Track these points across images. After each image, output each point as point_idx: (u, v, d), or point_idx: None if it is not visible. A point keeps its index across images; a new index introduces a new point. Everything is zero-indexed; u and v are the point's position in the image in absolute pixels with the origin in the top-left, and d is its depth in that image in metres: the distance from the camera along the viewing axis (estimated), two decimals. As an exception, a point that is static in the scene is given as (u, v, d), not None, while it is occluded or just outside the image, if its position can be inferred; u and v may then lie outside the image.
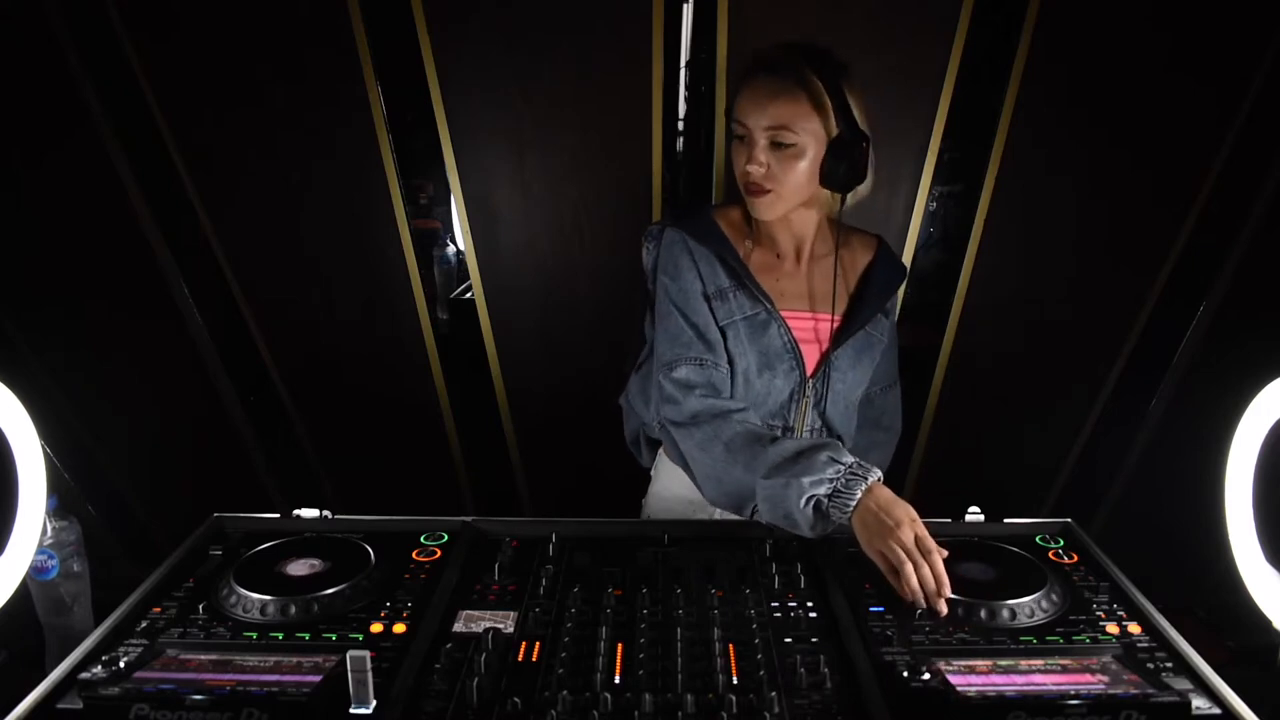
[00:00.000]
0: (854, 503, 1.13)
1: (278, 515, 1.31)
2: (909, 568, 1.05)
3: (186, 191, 1.87)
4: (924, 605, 1.05)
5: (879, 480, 1.16)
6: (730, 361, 1.35)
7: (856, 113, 1.24)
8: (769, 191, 1.28)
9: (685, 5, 1.80)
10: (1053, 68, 1.76)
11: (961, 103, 1.80)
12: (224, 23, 1.72)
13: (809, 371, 1.38)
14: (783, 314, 1.36)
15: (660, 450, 1.55)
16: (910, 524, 1.09)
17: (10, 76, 1.72)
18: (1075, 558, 1.22)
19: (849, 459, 1.18)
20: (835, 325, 1.40)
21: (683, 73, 1.88)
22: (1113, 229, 1.93)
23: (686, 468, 1.37)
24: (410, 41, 1.74)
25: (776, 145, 1.25)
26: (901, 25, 1.74)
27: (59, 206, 1.87)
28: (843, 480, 1.15)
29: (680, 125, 1.94)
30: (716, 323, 1.34)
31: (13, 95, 1.74)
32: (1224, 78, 1.76)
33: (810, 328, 1.38)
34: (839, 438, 1.43)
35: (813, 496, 1.16)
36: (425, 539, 1.26)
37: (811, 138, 1.25)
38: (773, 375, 1.36)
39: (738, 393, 1.36)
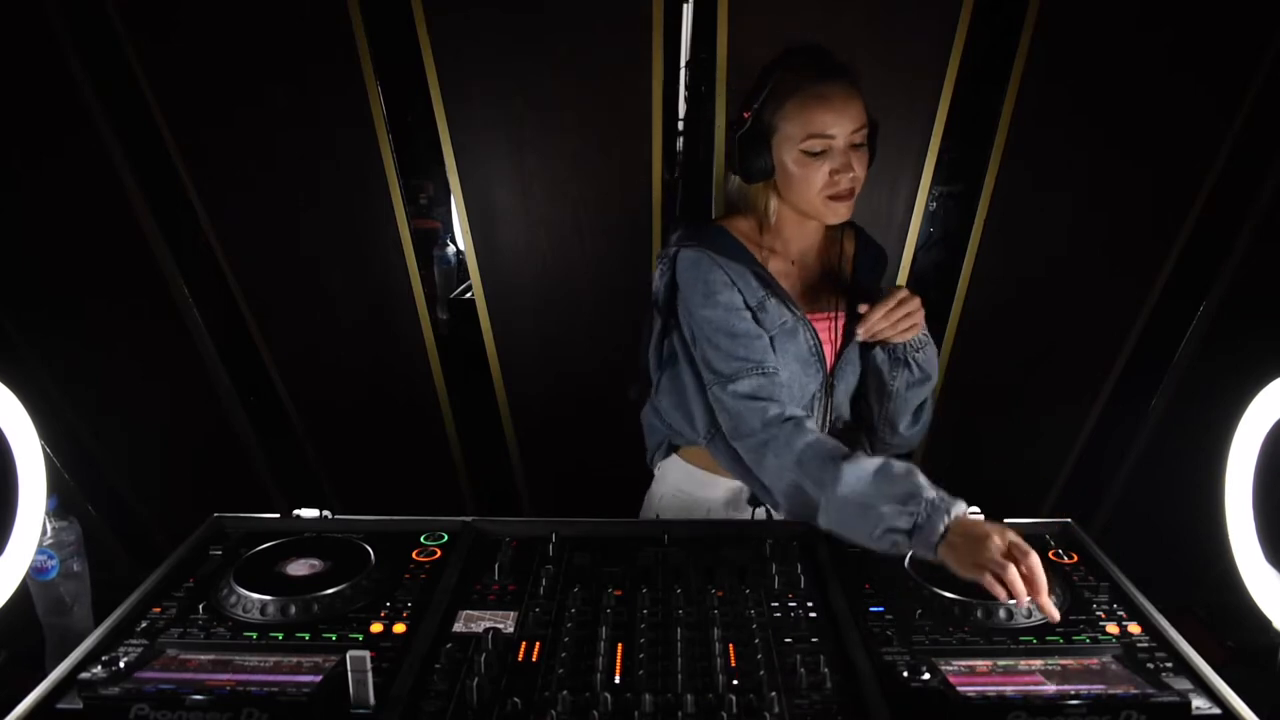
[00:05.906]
0: (936, 539, 1.04)
1: (278, 515, 1.31)
2: (1012, 572, 0.98)
3: (186, 191, 1.87)
4: (1030, 609, 1.04)
5: (964, 513, 1.07)
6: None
7: None
8: (853, 193, 1.28)
9: (685, 5, 1.80)
10: (1053, 68, 1.76)
11: (961, 103, 1.80)
12: (224, 24, 1.72)
13: (829, 367, 1.39)
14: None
15: (674, 454, 1.53)
16: (998, 533, 1.02)
17: (10, 77, 1.72)
18: (1075, 558, 1.22)
19: (931, 492, 1.08)
20: (844, 320, 1.40)
21: (683, 73, 1.89)
22: (1113, 229, 1.93)
23: (748, 476, 1.34)
24: (410, 41, 1.74)
25: (853, 147, 1.26)
26: (901, 25, 1.74)
27: (59, 206, 1.87)
28: (924, 514, 1.06)
29: (680, 125, 1.94)
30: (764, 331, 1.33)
31: (13, 95, 1.74)
32: (1224, 79, 1.76)
33: (826, 326, 1.39)
34: (854, 424, 1.43)
35: (893, 529, 1.08)
36: (425, 539, 1.26)
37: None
38: (806, 378, 1.37)
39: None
